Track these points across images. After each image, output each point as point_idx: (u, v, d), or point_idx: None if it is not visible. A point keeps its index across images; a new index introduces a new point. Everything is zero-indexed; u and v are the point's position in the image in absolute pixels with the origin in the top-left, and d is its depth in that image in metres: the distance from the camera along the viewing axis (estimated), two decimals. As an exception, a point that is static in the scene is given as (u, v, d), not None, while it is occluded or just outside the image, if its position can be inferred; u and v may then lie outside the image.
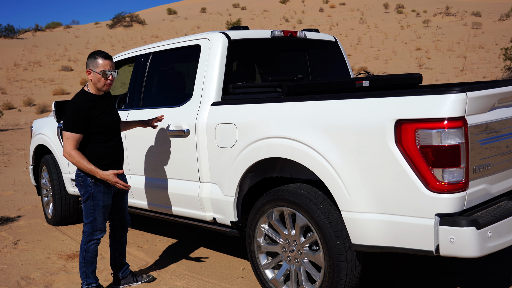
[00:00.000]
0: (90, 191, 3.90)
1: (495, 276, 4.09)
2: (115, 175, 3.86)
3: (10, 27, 43.20)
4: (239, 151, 3.82)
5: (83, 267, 4.05)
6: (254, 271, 3.90)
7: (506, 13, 43.19)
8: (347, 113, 3.19)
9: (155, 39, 41.00)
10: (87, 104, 3.82)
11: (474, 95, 2.86)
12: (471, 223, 2.81)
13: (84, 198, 3.94)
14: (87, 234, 4.00)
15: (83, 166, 3.79)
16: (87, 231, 3.99)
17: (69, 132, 3.77)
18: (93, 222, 3.96)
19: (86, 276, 4.07)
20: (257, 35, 4.56)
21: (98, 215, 3.95)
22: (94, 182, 3.88)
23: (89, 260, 4.04)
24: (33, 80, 28.54)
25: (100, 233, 4.01)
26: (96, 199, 3.92)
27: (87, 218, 3.97)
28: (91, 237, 4.00)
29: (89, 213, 3.95)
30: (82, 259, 4.03)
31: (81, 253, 4.04)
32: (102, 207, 3.95)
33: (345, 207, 3.20)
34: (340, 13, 54.72)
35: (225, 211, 4.04)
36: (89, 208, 3.94)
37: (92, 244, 4.01)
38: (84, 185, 3.91)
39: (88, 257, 4.03)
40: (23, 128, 17.79)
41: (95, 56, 3.85)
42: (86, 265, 4.04)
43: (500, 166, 3.18)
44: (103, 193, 3.93)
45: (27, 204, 7.64)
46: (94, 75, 3.84)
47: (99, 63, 3.83)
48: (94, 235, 4.00)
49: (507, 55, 18.66)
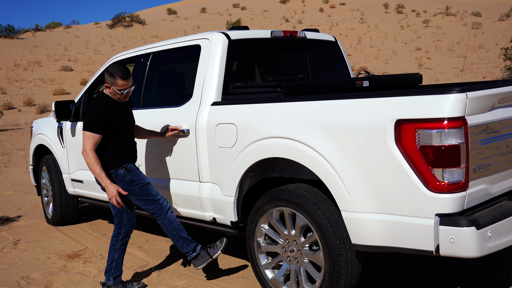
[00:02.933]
0: (128, 178, 4.04)
1: (495, 276, 4.09)
2: (117, 191, 3.93)
3: (10, 27, 43.18)
4: (239, 151, 3.82)
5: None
6: (254, 271, 3.90)
7: (506, 13, 43.22)
8: (347, 113, 3.19)
9: (155, 39, 41.01)
10: (108, 107, 3.97)
11: (474, 95, 2.86)
12: (471, 223, 2.81)
13: (128, 190, 4.03)
14: (159, 210, 4.10)
15: (94, 169, 3.90)
16: (156, 207, 4.09)
17: (90, 132, 3.90)
18: (152, 199, 4.09)
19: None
20: (257, 35, 4.56)
21: (150, 192, 4.09)
22: (126, 170, 4.04)
23: (179, 228, 4.16)
24: (33, 80, 28.53)
25: (164, 201, 4.17)
26: (137, 183, 4.06)
27: (147, 203, 4.08)
28: (161, 211, 4.11)
29: (143, 197, 4.07)
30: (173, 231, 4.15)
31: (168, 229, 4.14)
32: (146, 184, 4.09)
33: (345, 207, 3.20)
34: (340, 13, 54.73)
35: (225, 211, 4.04)
36: (140, 194, 4.06)
37: (166, 214, 4.14)
38: (118, 179, 4.03)
39: (177, 226, 4.16)
40: (23, 128, 17.78)
41: (115, 76, 3.94)
42: (180, 232, 4.17)
43: (500, 166, 3.18)
44: (139, 173, 4.12)
45: (27, 204, 7.64)
46: (113, 90, 3.98)
47: (119, 83, 3.95)
48: (164, 207, 4.15)
49: (507, 55, 18.66)
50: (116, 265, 4.21)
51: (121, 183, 4.03)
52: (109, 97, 4.03)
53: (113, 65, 4.01)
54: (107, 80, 3.99)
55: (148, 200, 4.08)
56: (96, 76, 5.55)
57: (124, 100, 4.06)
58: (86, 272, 4.75)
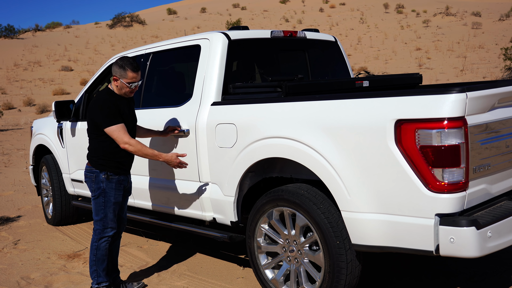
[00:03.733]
0: (102, 187, 3.92)
1: (495, 276, 4.09)
2: (177, 156, 3.89)
3: (10, 27, 43.19)
4: (239, 151, 3.82)
5: (93, 266, 4.03)
6: (254, 271, 3.90)
7: (506, 13, 43.22)
8: (347, 113, 3.19)
9: (155, 39, 41.00)
10: (116, 101, 3.86)
11: (474, 95, 2.86)
12: (471, 223, 2.81)
13: (95, 194, 3.95)
14: (98, 231, 3.99)
15: (146, 152, 3.86)
16: (98, 228, 3.98)
17: (113, 125, 3.79)
18: (104, 219, 3.96)
19: (97, 275, 4.05)
20: (257, 35, 4.56)
21: (109, 211, 3.95)
22: (106, 178, 3.90)
23: (100, 258, 4.02)
24: (33, 80, 28.53)
25: (111, 230, 4.00)
26: (107, 195, 3.93)
27: (98, 215, 3.96)
28: (102, 234, 3.99)
29: (99, 209, 3.95)
30: (93, 257, 4.01)
31: (92, 251, 4.02)
32: (113, 204, 3.95)
33: (345, 207, 3.20)
34: (340, 13, 54.73)
35: (225, 211, 4.04)
36: (100, 204, 3.94)
37: (103, 242, 4.00)
38: (96, 181, 3.92)
39: (99, 255, 4.01)
40: (23, 128, 17.78)
41: (125, 68, 3.83)
42: (97, 263, 4.02)
43: (500, 166, 3.18)
44: (115, 189, 3.94)
45: (27, 204, 7.64)
46: (121, 83, 3.86)
47: (128, 75, 3.84)
48: (105, 232, 3.99)
49: (507, 55, 18.67)
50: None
51: (95, 185, 3.93)
52: (115, 93, 3.91)
53: (123, 58, 3.91)
54: (115, 72, 3.86)
55: (100, 215, 3.97)
56: (96, 76, 5.54)
57: (130, 95, 3.96)
58: (86, 272, 4.75)
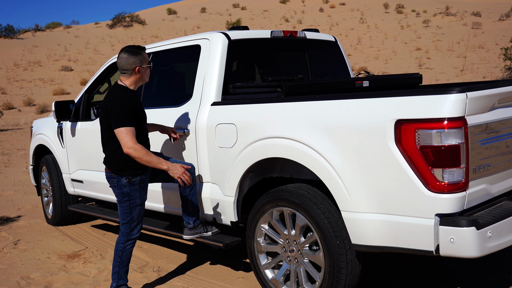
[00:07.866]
0: (126, 191, 3.84)
1: (495, 276, 4.09)
2: (182, 167, 3.75)
3: (10, 27, 43.22)
4: (239, 151, 3.82)
5: (116, 267, 3.99)
6: (254, 271, 3.90)
7: (506, 13, 43.24)
8: (347, 113, 3.19)
9: (155, 39, 41.01)
10: (131, 98, 3.74)
11: (474, 95, 2.86)
12: (471, 223, 2.81)
13: (120, 199, 3.88)
14: (125, 234, 3.94)
15: (150, 160, 3.67)
16: (125, 231, 3.94)
17: (124, 127, 3.63)
18: (130, 222, 3.91)
19: (118, 276, 4.01)
20: (257, 35, 4.56)
21: (135, 214, 3.91)
22: (128, 182, 3.81)
23: (124, 260, 3.98)
24: (33, 80, 28.54)
25: (137, 232, 3.97)
26: (132, 198, 3.86)
27: (124, 219, 3.91)
28: (129, 236, 3.95)
29: (125, 213, 3.89)
30: (118, 259, 3.97)
31: (117, 253, 3.97)
32: (139, 205, 3.91)
33: (345, 207, 3.20)
34: (340, 13, 54.74)
35: (225, 211, 4.04)
36: (125, 208, 3.89)
37: (129, 244, 3.97)
38: (118, 186, 3.84)
39: (124, 257, 3.98)
40: (23, 128, 17.79)
41: (139, 52, 3.75)
42: (121, 265, 3.98)
43: (500, 166, 3.18)
44: (139, 190, 3.88)
45: (27, 204, 7.64)
46: (144, 69, 3.78)
47: (145, 57, 3.77)
48: (132, 235, 3.95)
49: (507, 55, 18.68)
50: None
51: (118, 190, 3.87)
52: (128, 89, 3.77)
53: (126, 49, 3.78)
54: (131, 64, 3.71)
55: (126, 218, 3.92)
56: (96, 76, 5.54)
57: (147, 79, 3.86)
58: (86, 272, 4.75)
